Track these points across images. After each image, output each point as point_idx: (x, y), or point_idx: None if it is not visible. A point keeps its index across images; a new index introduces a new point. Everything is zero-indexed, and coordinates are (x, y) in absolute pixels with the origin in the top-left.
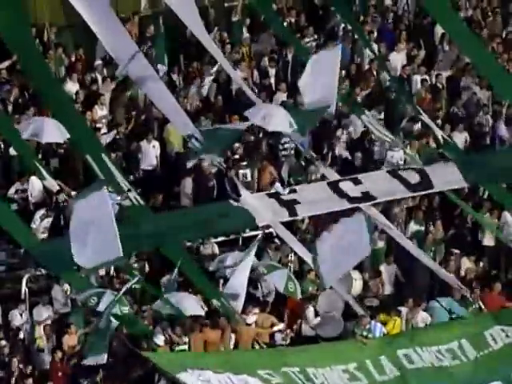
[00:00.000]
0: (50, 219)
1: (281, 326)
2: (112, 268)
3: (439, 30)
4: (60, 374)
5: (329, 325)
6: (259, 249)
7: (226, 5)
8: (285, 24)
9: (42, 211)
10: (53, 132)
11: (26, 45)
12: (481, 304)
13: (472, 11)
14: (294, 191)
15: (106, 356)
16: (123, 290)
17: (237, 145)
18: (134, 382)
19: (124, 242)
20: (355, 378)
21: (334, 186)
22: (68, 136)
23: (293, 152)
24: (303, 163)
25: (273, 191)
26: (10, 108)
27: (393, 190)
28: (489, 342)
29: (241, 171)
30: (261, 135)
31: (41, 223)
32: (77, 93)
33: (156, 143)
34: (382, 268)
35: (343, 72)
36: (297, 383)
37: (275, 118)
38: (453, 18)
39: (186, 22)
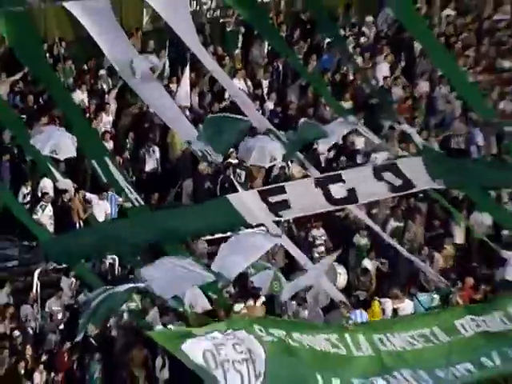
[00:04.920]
0: (50, 207)
1: None
2: (117, 263)
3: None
4: (66, 360)
5: (312, 316)
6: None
7: (221, 20)
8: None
9: (40, 202)
10: (68, 147)
11: (37, 58)
12: (458, 297)
13: (446, 27)
14: (283, 191)
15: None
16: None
17: (231, 150)
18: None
19: (126, 239)
20: (336, 346)
21: (321, 187)
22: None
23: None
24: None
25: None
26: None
27: (378, 191)
28: (459, 330)
29: (237, 170)
30: None
31: (43, 213)
32: (88, 102)
33: (156, 148)
34: (367, 262)
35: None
36: (283, 341)
37: (255, 153)
38: (428, 33)
39: (183, 37)
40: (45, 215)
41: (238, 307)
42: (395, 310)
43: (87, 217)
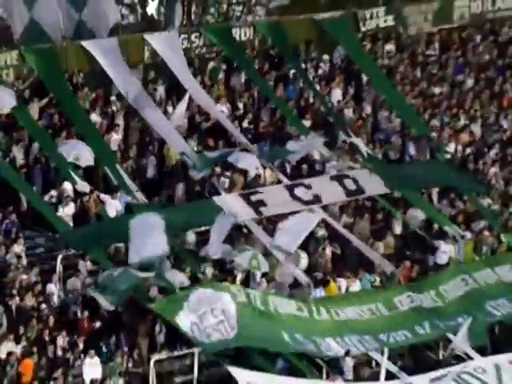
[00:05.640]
0: (69, 207)
1: None
2: (123, 249)
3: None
4: (85, 326)
5: (279, 292)
6: (231, 236)
7: (207, 56)
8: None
9: (62, 203)
10: (87, 157)
11: (60, 86)
12: (400, 277)
13: (388, 60)
14: (261, 193)
15: (112, 307)
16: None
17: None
18: (143, 335)
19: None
20: (301, 310)
21: (290, 191)
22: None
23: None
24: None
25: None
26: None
27: (336, 195)
28: (398, 306)
29: (222, 179)
30: None
31: (63, 210)
32: (101, 121)
33: (153, 158)
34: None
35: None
36: (255, 303)
37: (242, 160)
38: (372, 66)
39: (175, 70)
40: (66, 212)
41: None
42: (347, 288)
43: (99, 212)
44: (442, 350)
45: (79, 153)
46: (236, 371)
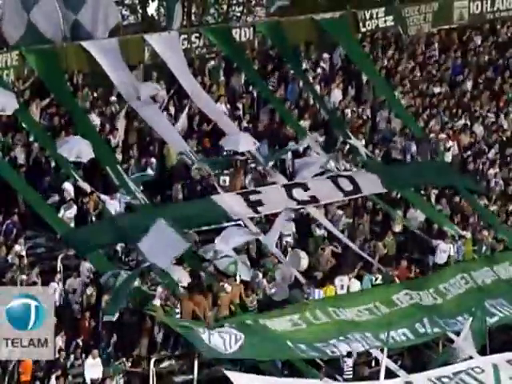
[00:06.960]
0: (71, 210)
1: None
2: (120, 250)
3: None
4: (87, 326)
5: (279, 292)
6: None
7: (207, 56)
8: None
9: (64, 205)
10: (87, 150)
11: (60, 86)
12: (395, 277)
13: (387, 61)
14: (259, 192)
15: (116, 316)
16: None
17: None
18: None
19: (132, 230)
20: (296, 324)
21: (287, 191)
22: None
23: (254, 165)
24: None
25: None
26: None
27: (332, 195)
28: (396, 303)
29: (221, 177)
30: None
31: (65, 213)
32: (101, 122)
33: (153, 160)
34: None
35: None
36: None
37: (243, 142)
38: (371, 67)
39: (175, 71)
40: (67, 214)
41: (228, 288)
42: (348, 287)
43: (99, 212)
44: (442, 349)
45: (79, 149)
46: (233, 375)
